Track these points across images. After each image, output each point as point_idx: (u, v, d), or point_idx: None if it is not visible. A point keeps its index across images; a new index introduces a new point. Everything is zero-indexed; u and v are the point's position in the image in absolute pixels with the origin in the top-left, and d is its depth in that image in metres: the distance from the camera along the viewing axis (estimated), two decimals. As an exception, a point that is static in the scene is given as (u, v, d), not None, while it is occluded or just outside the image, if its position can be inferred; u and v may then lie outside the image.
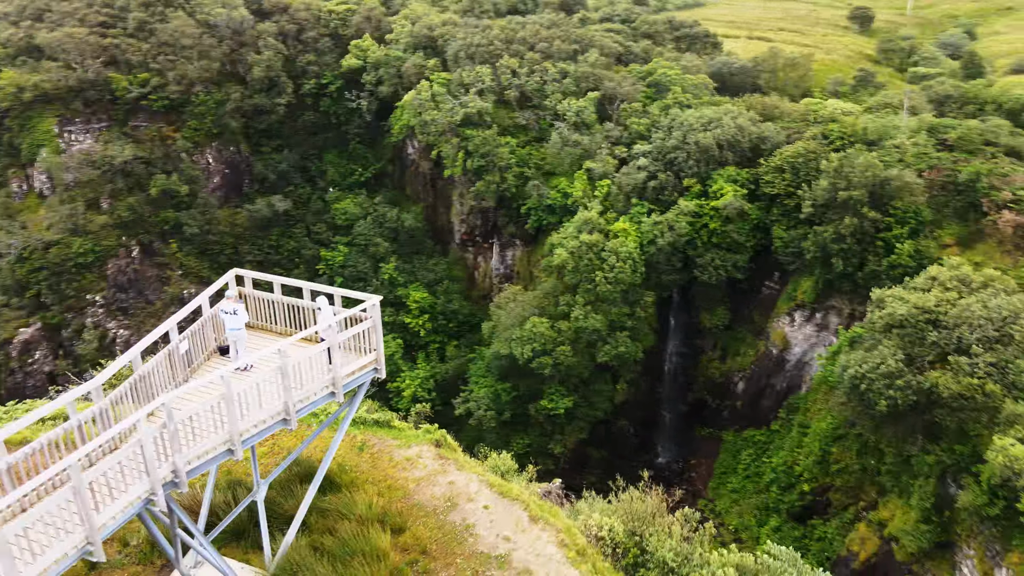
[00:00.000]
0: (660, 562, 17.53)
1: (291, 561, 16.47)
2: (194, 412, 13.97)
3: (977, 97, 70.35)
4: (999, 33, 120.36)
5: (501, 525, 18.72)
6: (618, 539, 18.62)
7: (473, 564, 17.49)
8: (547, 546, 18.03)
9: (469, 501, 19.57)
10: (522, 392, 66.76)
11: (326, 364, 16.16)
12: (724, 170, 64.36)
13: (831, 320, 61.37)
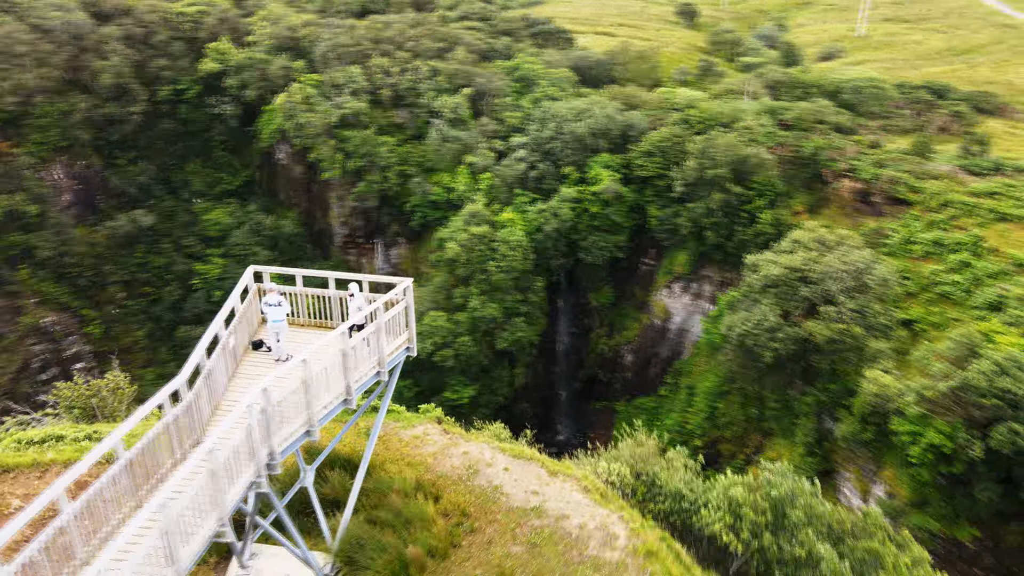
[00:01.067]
0: (671, 493, 19.88)
1: (352, 536, 17.17)
2: (280, 397, 14.48)
3: (802, 82, 79.48)
4: (803, 25, 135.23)
5: (525, 482, 20.30)
6: (626, 480, 20.79)
7: (513, 518, 18.97)
8: (572, 494, 19.86)
9: (488, 466, 20.97)
10: (424, 387, 67.62)
11: (374, 346, 17.00)
12: (599, 157, 68.51)
13: (705, 288, 67.30)
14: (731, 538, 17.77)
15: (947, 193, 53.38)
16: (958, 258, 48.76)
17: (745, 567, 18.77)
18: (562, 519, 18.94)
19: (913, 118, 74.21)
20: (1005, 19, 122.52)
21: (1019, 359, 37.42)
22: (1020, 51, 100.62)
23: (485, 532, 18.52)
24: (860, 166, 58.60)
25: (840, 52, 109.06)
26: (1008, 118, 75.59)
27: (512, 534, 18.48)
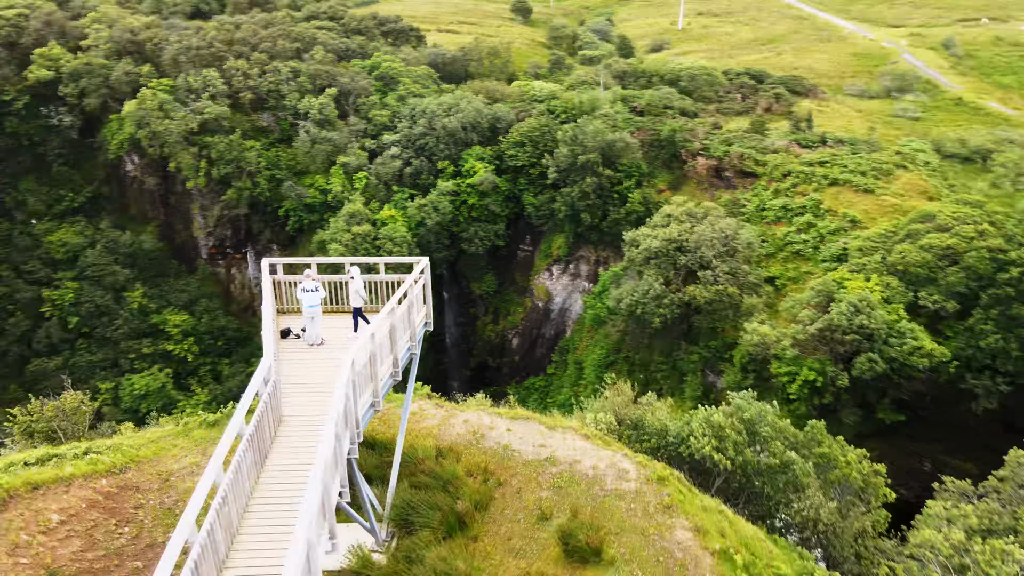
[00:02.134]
0: (656, 430, 22.55)
1: (402, 501, 18.21)
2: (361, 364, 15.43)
3: (645, 71, 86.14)
4: (627, 19, 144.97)
5: (530, 438, 22.12)
6: (612, 426, 23.22)
7: (531, 469, 20.75)
8: (576, 442, 21.94)
9: (491, 429, 22.55)
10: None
11: (407, 321, 18.14)
12: (472, 150, 70.69)
13: (582, 268, 71.58)
14: (720, 457, 20.65)
15: (787, 164, 60.78)
16: (803, 220, 55.88)
17: (726, 482, 21.81)
18: (575, 464, 20.99)
19: (741, 101, 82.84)
20: (797, 12, 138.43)
21: (869, 299, 44.06)
22: (814, 40, 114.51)
23: (511, 484, 20.16)
24: (712, 145, 65.07)
25: (667, 44, 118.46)
26: (816, 98, 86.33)
27: (536, 482, 20.28)
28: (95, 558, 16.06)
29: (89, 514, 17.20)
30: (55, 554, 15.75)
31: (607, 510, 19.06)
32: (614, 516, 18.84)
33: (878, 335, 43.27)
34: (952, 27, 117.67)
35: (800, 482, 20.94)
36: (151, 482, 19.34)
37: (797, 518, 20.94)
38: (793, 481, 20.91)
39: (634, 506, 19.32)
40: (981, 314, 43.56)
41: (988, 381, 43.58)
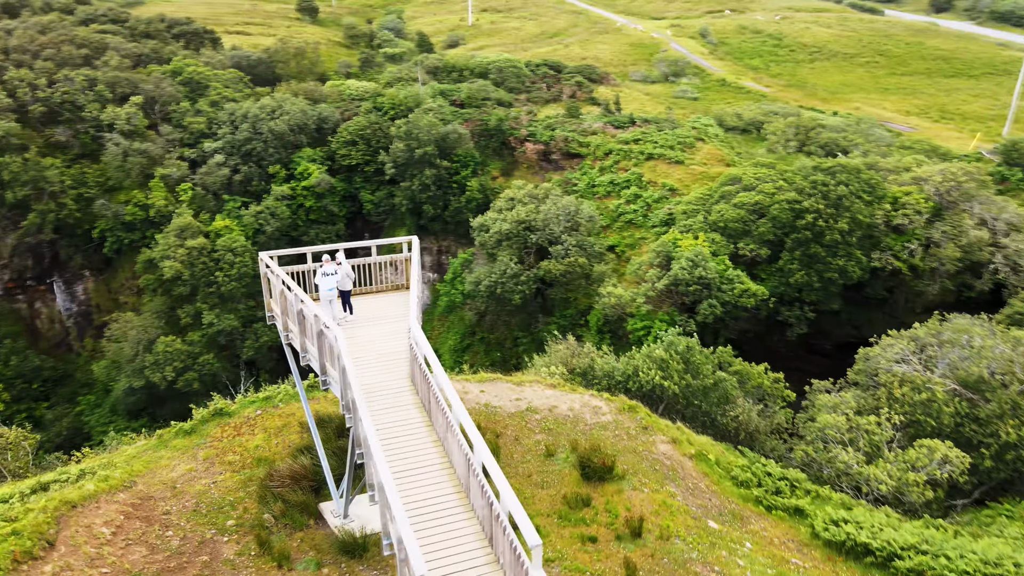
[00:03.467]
0: (606, 372, 25.80)
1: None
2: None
3: (457, 66, 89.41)
4: (417, 17, 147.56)
5: (504, 395, 24.29)
6: (565, 375, 26.12)
7: (516, 419, 22.99)
8: (545, 391, 24.49)
9: (466, 393, 24.39)
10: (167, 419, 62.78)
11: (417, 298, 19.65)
12: (302, 152, 69.59)
13: (426, 260, 73.46)
14: (669, 383, 24.34)
15: (606, 144, 67.14)
16: (630, 192, 62.36)
17: (671, 404, 25.63)
18: (553, 409, 23.56)
19: (547, 90, 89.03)
20: (572, 7, 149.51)
21: (703, 253, 50.88)
22: (594, 32, 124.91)
23: (507, 434, 22.28)
24: (537, 131, 69.90)
25: (461, 40, 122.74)
26: (610, 84, 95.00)
27: (527, 429, 22.58)
28: (164, 559, 15.91)
29: (131, 524, 16.81)
30: (128, 560, 15.43)
31: (597, 439, 21.89)
32: (605, 443, 21.70)
33: (714, 283, 50.17)
34: (703, 18, 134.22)
35: (730, 395, 25.25)
36: (161, 491, 19.06)
37: (732, 424, 25.25)
38: (724, 395, 25.15)
39: (618, 432, 22.35)
40: (787, 256, 52.13)
41: (798, 311, 52.33)
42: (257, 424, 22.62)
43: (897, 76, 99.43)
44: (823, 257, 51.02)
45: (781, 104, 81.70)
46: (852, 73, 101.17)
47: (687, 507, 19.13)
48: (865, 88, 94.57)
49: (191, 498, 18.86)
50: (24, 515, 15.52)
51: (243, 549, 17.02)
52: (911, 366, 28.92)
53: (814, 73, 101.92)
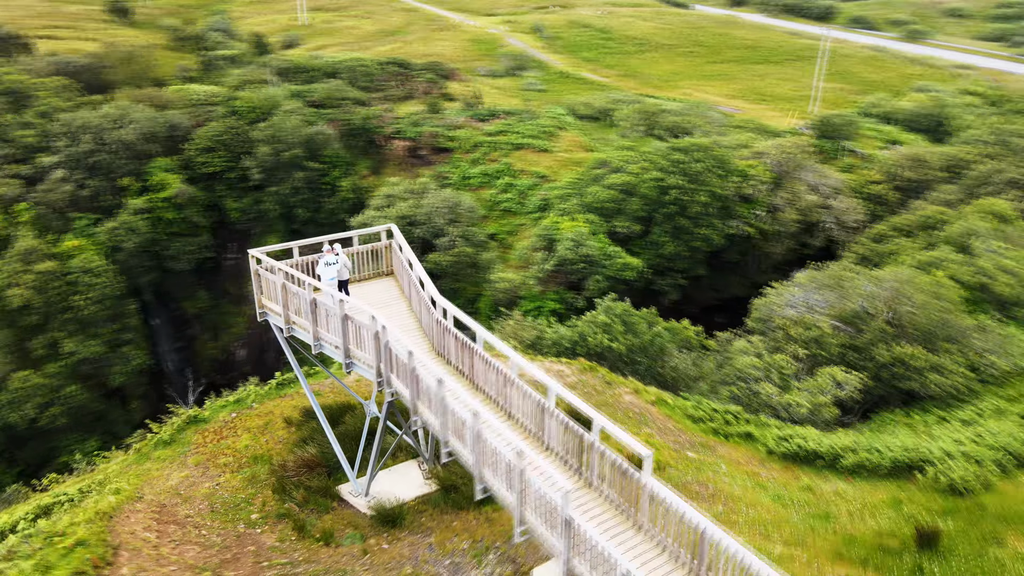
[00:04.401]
0: (555, 340, 27.96)
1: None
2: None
3: (305, 66, 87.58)
4: (243, 17, 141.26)
5: (473, 371, 25.68)
6: (517, 347, 28.00)
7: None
8: (509, 363, 26.12)
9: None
10: (28, 462, 57.51)
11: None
12: (156, 162, 65.65)
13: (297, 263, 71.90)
14: (617, 344, 26.93)
15: (473, 137, 69.22)
16: (503, 182, 64.92)
17: (616, 363, 28.27)
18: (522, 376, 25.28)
19: (400, 87, 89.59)
20: (403, 5, 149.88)
21: (584, 232, 54.45)
22: (432, 29, 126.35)
23: (489, 405, 23.72)
24: (403, 127, 70.59)
25: (298, 40, 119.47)
26: (460, 80, 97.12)
27: (505, 398, 24.14)
28: (216, 553, 15.98)
29: (167, 528, 16.63)
30: (188, 557, 15.37)
31: (571, 398, 23.99)
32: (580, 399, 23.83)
33: (597, 260, 53.90)
34: (532, 14, 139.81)
35: (666, 349, 28.29)
36: (170, 498, 18.89)
37: (671, 374, 28.31)
38: (661, 349, 28.15)
39: (587, 390, 24.52)
40: (658, 230, 56.99)
41: (671, 280, 57.41)
42: (237, 426, 22.47)
43: (714, 64, 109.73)
44: (689, 228, 56.32)
45: (623, 93, 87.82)
46: (676, 62, 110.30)
47: (666, 443, 21.68)
48: (690, 76, 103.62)
49: (201, 501, 18.75)
50: (72, 528, 14.98)
51: (282, 536, 17.36)
52: (799, 309, 33.59)
53: (643, 63, 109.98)
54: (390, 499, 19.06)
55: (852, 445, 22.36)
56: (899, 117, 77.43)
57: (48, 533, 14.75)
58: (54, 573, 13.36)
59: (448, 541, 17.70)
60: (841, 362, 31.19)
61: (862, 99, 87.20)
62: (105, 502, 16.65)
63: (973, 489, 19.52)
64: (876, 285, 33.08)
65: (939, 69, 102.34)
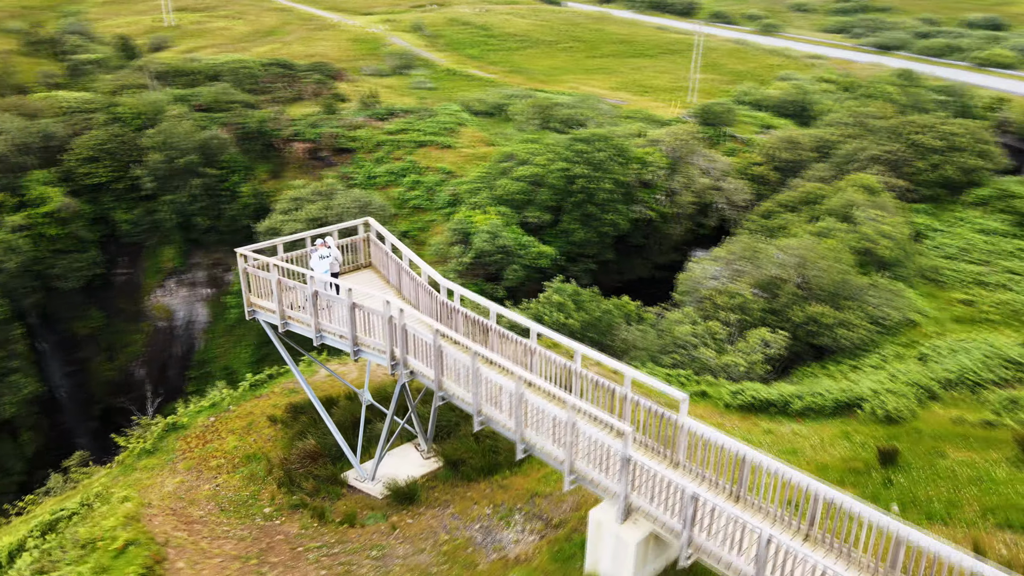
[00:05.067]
0: (509, 323, 29.24)
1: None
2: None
3: (184, 70, 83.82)
4: (100, 19, 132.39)
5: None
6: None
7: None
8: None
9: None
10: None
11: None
12: (32, 175, 61.21)
13: (199, 275, 69.14)
14: (571, 320, 28.52)
15: (375, 136, 69.05)
16: (410, 179, 65.28)
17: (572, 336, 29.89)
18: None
19: (288, 88, 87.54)
20: (274, 4, 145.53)
21: (498, 224, 55.90)
22: (311, 29, 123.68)
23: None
24: (301, 129, 69.32)
25: (167, 42, 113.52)
26: (348, 80, 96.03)
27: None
28: (251, 544, 16.24)
29: (192, 527, 16.55)
30: (229, 549, 15.43)
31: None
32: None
33: (513, 250, 55.51)
34: (411, 13, 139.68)
35: (614, 323, 30.20)
36: (174, 503, 18.78)
37: (621, 346, 30.26)
38: (610, 323, 30.04)
39: (556, 365, 25.94)
40: (567, 218, 59.30)
41: (583, 265, 59.92)
42: (219, 429, 22.25)
43: (593, 58, 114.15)
44: (597, 215, 58.99)
45: (514, 88, 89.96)
46: (557, 58, 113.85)
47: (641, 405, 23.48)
48: (572, 70, 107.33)
49: (207, 502, 18.66)
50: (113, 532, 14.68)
51: (304, 524, 17.65)
52: (721, 280, 36.53)
53: (526, 59, 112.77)
54: (399, 479, 19.68)
55: (798, 392, 25.07)
56: (768, 104, 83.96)
57: (86, 540, 14.38)
58: (115, 573, 13.16)
59: (469, 510, 18.57)
60: (763, 324, 34.30)
61: (733, 88, 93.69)
62: (124, 508, 16.30)
63: (905, 417, 22.57)
64: (786, 253, 36.51)
65: (795, 59, 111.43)
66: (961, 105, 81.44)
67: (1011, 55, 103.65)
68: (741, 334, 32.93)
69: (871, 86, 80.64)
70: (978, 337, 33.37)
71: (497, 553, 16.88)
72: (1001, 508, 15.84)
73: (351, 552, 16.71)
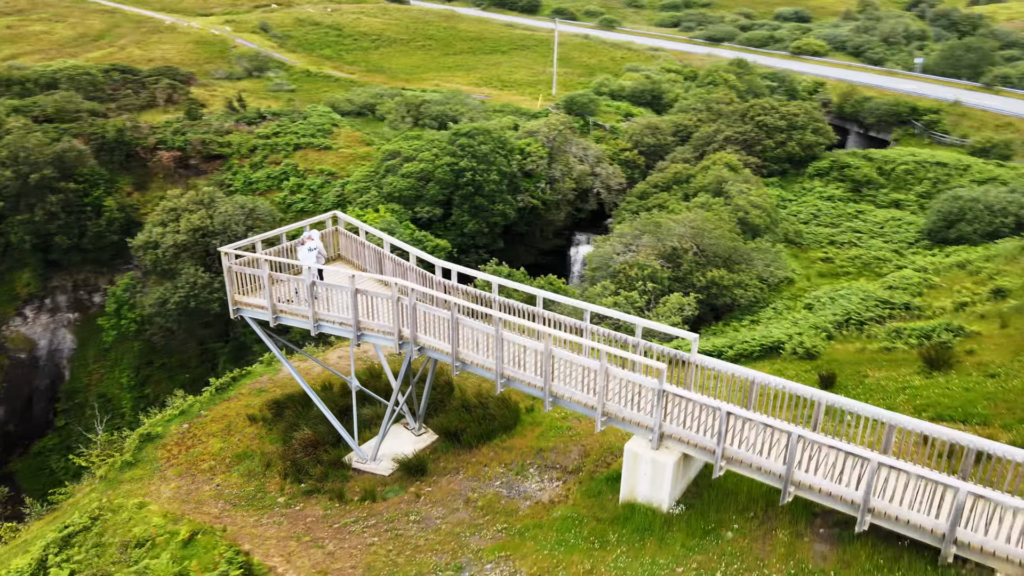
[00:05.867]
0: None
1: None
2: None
3: (14, 78, 76.59)
4: None
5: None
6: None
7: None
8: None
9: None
10: None
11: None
12: None
13: (61, 300, 63.99)
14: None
15: (249, 141, 66.87)
16: (292, 183, 63.98)
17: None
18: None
19: (137, 95, 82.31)
20: (99, 6, 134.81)
21: (391, 222, 56.34)
22: (145, 32, 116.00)
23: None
24: (166, 137, 65.76)
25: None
26: (199, 84, 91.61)
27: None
28: (291, 527, 16.39)
29: (223, 520, 16.44)
30: (272, 532, 15.60)
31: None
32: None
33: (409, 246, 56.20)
34: (254, 13, 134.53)
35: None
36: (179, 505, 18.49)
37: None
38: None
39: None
40: (458, 211, 60.65)
41: (476, 256, 61.55)
42: (197, 434, 21.85)
43: (449, 56, 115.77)
44: (486, 206, 60.84)
45: (379, 87, 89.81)
46: (414, 56, 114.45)
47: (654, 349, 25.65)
48: (431, 68, 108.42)
49: (215, 501, 18.58)
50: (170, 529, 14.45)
51: (327, 505, 18.06)
52: (626, 255, 39.54)
53: (384, 58, 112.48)
54: (394, 455, 20.50)
55: (729, 342, 28.21)
56: (623, 94, 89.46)
57: (142, 538, 14.06)
58: (195, 561, 13.09)
59: (481, 472, 19.66)
60: (670, 292, 37.64)
61: (588, 81, 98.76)
62: (155, 508, 15.94)
63: (822, 352, 26.21)
64: (683, 226, 40.14)
65: (638, 51, 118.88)
66: (788, 89, 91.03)
67: (821, 44, 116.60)
68: (656, 301, 35.97)
69: (713, 74, 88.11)
70: (848, 285, 38.53)
71: (529, 500, 18.17)
72: (931, 406, 19.32)
73: (389, 521, 17.32)
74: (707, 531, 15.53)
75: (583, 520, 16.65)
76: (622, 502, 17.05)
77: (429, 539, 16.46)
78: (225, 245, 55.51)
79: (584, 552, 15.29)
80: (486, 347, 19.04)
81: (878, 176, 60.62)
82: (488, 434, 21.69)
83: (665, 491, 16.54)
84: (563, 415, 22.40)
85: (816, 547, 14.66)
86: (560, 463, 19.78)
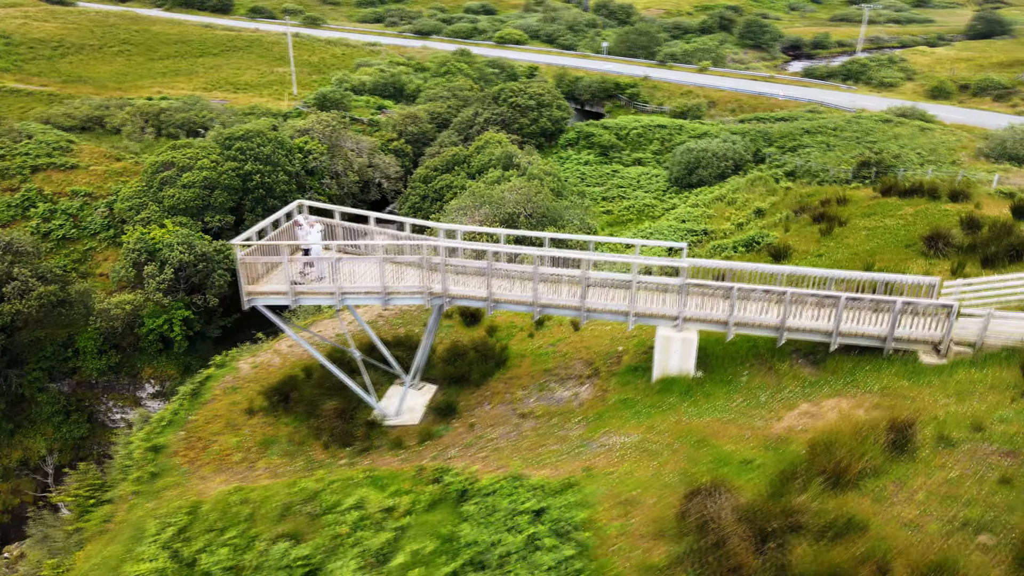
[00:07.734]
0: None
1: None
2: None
3: None
4: None
5: (347, 326, 28.36)
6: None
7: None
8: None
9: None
10: None
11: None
12: None
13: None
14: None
15: (-32, 168, 57.17)
16: (41, 210, 56.52)
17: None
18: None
19: None
20: None
21: (185, 234, 53.26)
22: None
23: (394, 338, 27.37)
24: None
25: None
26: None
27: (398, 330, 28.06)
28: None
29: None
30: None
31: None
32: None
33: (212, 256, 53.71)
34: None
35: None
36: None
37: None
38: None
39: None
40: (251, 216, 58.68)
41: (276, 258, 60.39)
42: (201, 436, 21.32)
43: (155, 61, 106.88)
44: (278, 207, 59.87)
45: (98, 99, 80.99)
46: (115, 63, 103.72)
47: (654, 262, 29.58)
48: (142, 74, 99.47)
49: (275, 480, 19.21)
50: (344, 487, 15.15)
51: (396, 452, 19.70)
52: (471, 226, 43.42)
53: (78, 66, 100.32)
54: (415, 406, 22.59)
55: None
56: (365, 88, 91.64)
57: (327, 507, 14.47)
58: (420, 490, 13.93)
59: (507, 397, 22.30)
60: (519, 251, 42.46)
61: (320, 78, 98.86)
62: (282, 483, 16.20)
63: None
64: (513, 193, 45.14)
65: (357, 48, 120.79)
66: (509, 75, 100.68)
67: (520, 33, 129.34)
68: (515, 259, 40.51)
69: (447, 64, 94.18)
70: (651, 225, 46.82)
71: (576, 401, 21.32)
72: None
73: (465, 446, 19.24)
74: (729, 381, 20.62)
75: (636, 399, 20.62)
76: (656, 379, 21.35)
77: (537, 439, 19.03)
78: None
79: (659, 413, 19.34)
80: (520, 285, 21.92)
81: (618, 140, 71.61)
82: (488, 372, 24.29)
83: (691, 362, 21.26)
84: (540, 344, 25.87)
85: (805, 369, 20.63)
86: (572, 374, 23.32)
